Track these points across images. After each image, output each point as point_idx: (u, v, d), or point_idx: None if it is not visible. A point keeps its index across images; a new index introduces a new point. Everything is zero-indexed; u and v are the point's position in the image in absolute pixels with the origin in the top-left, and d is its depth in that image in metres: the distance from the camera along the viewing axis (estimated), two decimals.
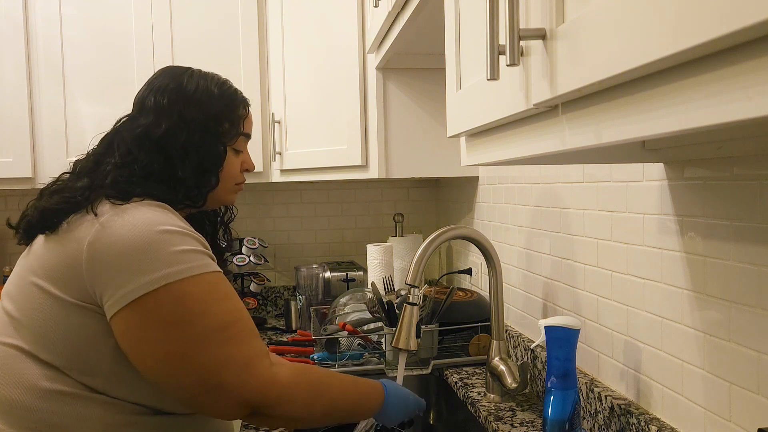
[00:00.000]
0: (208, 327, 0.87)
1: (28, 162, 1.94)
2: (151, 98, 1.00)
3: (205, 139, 0.99)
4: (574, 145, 0.54)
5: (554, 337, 1.03)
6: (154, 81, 1.03)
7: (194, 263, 0.87)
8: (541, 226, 1.38)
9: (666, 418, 0.95)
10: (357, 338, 1.61)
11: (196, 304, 0.86)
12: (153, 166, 0.96)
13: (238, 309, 0.91)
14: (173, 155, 0.97)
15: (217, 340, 0.87)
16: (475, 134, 0.83)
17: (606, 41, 0.44)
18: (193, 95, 1.00)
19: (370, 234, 2.47)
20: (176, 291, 0.85)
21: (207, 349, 0.86)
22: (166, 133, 0.97)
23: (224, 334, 0.88)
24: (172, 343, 0.85)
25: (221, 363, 0.87)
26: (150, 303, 0.84)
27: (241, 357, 0.88)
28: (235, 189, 1.11)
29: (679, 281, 0.91)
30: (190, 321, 0.86)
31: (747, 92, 0.33)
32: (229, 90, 1.06)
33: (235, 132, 1.05)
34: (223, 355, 0.87)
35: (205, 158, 1.00)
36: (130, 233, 0.85)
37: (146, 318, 0.84)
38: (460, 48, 0.85)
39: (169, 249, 0.85)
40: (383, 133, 1.79)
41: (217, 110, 1.02)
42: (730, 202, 0.81)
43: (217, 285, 0.90)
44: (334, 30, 1.86)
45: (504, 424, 1.22)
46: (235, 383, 0.87)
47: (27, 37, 1.95)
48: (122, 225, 0.86)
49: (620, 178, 1.06)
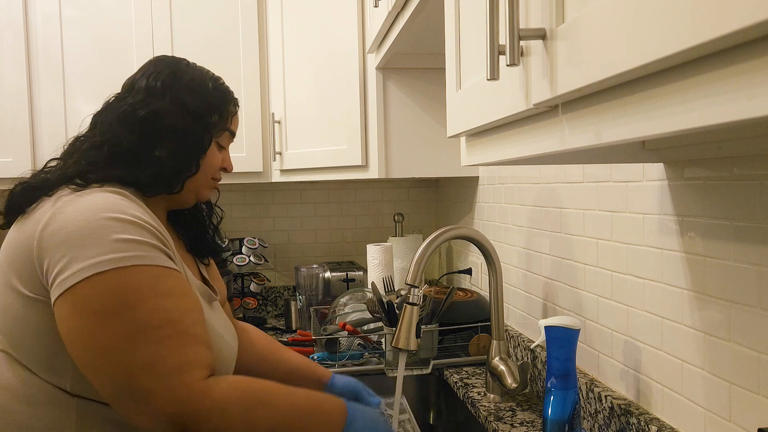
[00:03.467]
0: (139, 322, 0.80)
1: (28, 162, 1.94)
2: (143, 81, 0.99)
3: (194, 126, 0.98)
4: (574, 145, 0.54)
5: (554, 337, 1.03)
6: (148, 67, 1.02)
7: (136, 253, 0.82)
8: (541, 226, 1.38)
9: (666, 418, 0.96)
10: (357, 338, 1.61)
11: (131, 295, 0.80)
12: (123, 143, 0.93)
13: (180, 309, 0.85)
14: (154, 135, 0.95)
15: (146, 339, 0.80)
16: (475, 134, 0.83)
17: (606, 41, 0.44)
18: (189, 83, 1.00)
19: (370, 234, 2.47)
20: (111, 280, 0.80)
21: (134, 347, 0.79)
22: (153, 113, 0.95)
23: (157, 333, 0.81)
24: (98, 336, 0.79)
25: (147, 364, 0.80)
26: (84, 291, 0.79)
27: (172, 361, 0.81)
28: (211, 184, 1.07)
29: (679, 281, 0.91)
30: (120, 313, 0.80)
31: (747, 92, 0.33)
32: (222, 86, 1.07)
33: (222, 126, 1.05)
34: (152, 355, 0.80)
35: (189, 143, 0.98)
36: (76, 219, 0.82)
37: (78, 307, 0.80)
38: (460, 48, 0.85)
39: (111, 236, 0.81)
40: (383, 133, 1.79)
41: (210, 101, 1.02)
42: (730, 202, 0.81)
43: (160, 279, 0.83)
44: (334, 30, 1.86)
45: (504, 424, 1.22)
46: (160, 390, 0.80)
47: (27, 37, 1.95)
48: (72, 211, 0.83)
49: (620, 178, 1.06)
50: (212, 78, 1.06)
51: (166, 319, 0.82)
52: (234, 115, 1.08)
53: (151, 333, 0.81)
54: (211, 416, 0.81)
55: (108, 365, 0.80)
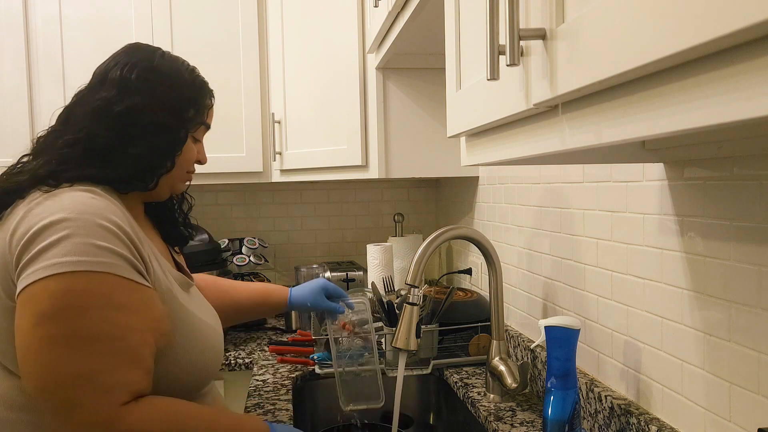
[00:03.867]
0: (79, 331, 0.78)
1: None
2: (117, 71, 0.94)
3: (171, 122, 0.95)
4: (574, 145, 0.54)
5: (554, 337, 1.03)
6: (120, 55, 0.97)
7: (101, 259, 0.79)
8: (541, 226, 1.38)
9: (666, 418, 0.96)
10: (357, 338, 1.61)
11: (78, 301, 0.78)
12: (97, 142, 0.90)
13: (128, 327, 0.81)
14: (129, 132, 0.92)
15: (82, 349, 0.78)
16: (475, 134, 0.83)
17: (606, 41, 0.44)
18: (167, 76, 0.96)
19: (370, 234, 2.47)
20: (62, 282, 0.77)
21: (69, 355, 0.77)
22: (129, 108, 0.91)
23: (94, 346, 0.78)
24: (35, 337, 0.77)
25: (79, 376, 0.77)
26: (34, 290, 0.77)
27: (101, 379, 0.78)
28: (186, 177, 1.05)
29: (679, 281, 0.91)
30: (61, 317, 0.77)
31: (747, 92, 0.33)
32: (198, 78, 1.03)
33: (199, 120, 1.01)
34: (83, 368, 0.77)
35: (165, 140, 0.95)
36: (38, 220, 0.80)
37: (26, 305, 0.78)
38: (460, 48, 0.85)
39: (84, 240, 0.79)
40: (383, 133, 1.79)
41: (187, 95, 0.98)
42: (730, 202, 0.81)
43: (115, 291, 0.80)
44: (334, 30, 1.86)
45: (504, 424, 1.22)
46: (86, 405, 0.78)
47: (27, 37, 1.95)
48: (39, 212, 0.81)
49: (620, 178, 1.06)
50: (188, 69, 1.02)
51: (109, 334, 0.79)
52: (210, 108, 1.05)
53: (92, 345, 0.78)
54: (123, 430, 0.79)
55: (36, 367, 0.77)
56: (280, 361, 1.64)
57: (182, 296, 0.96)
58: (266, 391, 1.47)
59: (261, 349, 1.85)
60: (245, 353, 1.82)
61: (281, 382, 1.53)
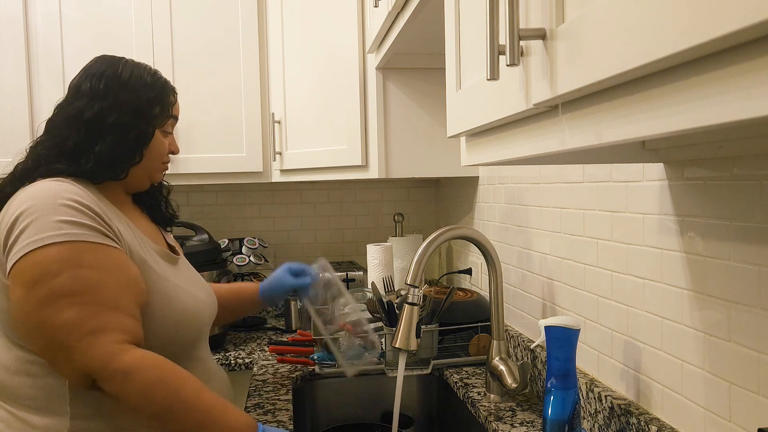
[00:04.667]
0: (58, 288, 0.90)
1: None
2: (87, 83, 1.08)
3: (135, 120, 1.07)
4: (574, 145, 0.54)
5: (554, 337, 1.03)
6: (90, 68, 1.12)
7: (66, 231, 0.92)
8: (541, 226, 1.38)
9: (666, 418, 0.96)
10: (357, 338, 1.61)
11: (53, 266, 0.90)
12: (68, 143, 1.04)
13: (99, 281, 0.92)
14: (97, 132, 1.04)
15: (64, 303, 0.90)
16: (475, 134, 0.83)
17: (606, 41, 0.44)
18: (128, 81, 1.09)
19: (370, 234, 2.47)
20: (39, 254, 0.91)
21: (54, 311, 0.89)
22: (97, 113, 1.05)
23: (74, 299, 0.90)
24: (26, 303, 0.91)
25: (66, 325, 0.89)
26: (18, 267, 0.91)
27: (88, 324, 0.90)
28: (161, 168, 1.17)
29: (679, 281, 0.91)
30: (42, 282, 0.90)
31: (747, 92, 0.33)
32: (159, 79, 1.14)
33: (165, 115, 1.13)
34: (69, 318, 0.89)
35: (131, 136, 1.07)
36: (21, 205, 0.94)
37: (15, 279, 0.92)
38: (460, 48, 0.85)
39: (50, 218, 0.92)
40: (383, 133, 1.79)
41: (149, 95, 1.10)
42: (730, 202, 0.81)
43: (83, 254, 0.93)
44: (334, 30, 1.86)
45: (504, 424, 1.22)
46: (79, 347, 0.89)
47: (27, 36, 1.95)
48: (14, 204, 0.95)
49: (620, 178, 1.06)
50: (150, 72, 1.14)
51: (85, 287, 0.91)
52: (174, 104, 1.17)
53: (68, 299, 0.90)
54: (114, 378, 0.89)
55: (34, 328, 0.91)
56: (280, 361, 1.64)
57: (160, 266, 1.07)
58: (266, 391, 1.47)
59: (261, 349, 1.85)
60: (245, 353, 1.82)
61: (281, 382, 1.53)
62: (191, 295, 1.11)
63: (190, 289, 1.12)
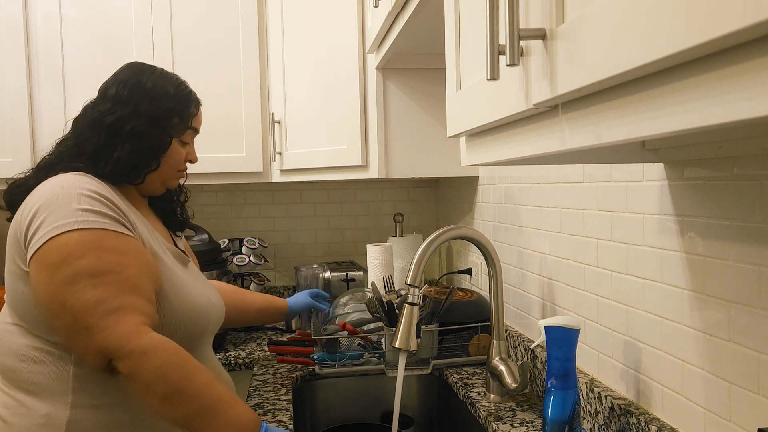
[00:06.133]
0: (81, 270, 0.94)
1: (28, 162, 1.93)
2: (113, 89, 1.13)
3: (152, 129, 1.11)
4: (574, 145, 0.54)
5: (554, 337, 1.03)
6: (119, 74, 1.16)
7: (87, 218, 0.97)
8: (541, 226, 1.38)
9: (666, 418, 0.96)
10: (357, 338, 1.61)
11: (76, 249, 0.95)
12: (89, 145, 1.08)
13: (120, 263, 0.96)
14: (116, 138, 1.09)
15: (87, 284, 0.93)
16: (475, 134, 0.83)
17: (606, 41, 0.44)
18: (150, 91, 1.13)
19: (370, 234, 2.47)
20: (63, 239, 0.95)
21: (77, 290, 0.93)
22: (117, 119, 1.09)
23: (96, 279, 0.94)
24: (50, 284, 0.94)
25: (89, 305, 0.92)
26: (42, 251, 0.95)
27: (110, 304, 0.93)
28: (177, 175, 1.21)
29: (679, 281, 0.91)
30: (66, 264, 0.94)
31: (747, 92, 0.33)
32: (184, 90, 1.18)
33: (183, 126, 1.17)
34: (92, 297, 0.93)
35: (147, 145, 1.11)
36: (43, 195, 0.99)
37: (39, 263, 0.95)
38: (460, 48, 0.85)
39: (70, 206, 0.97)
40: (383, 133, 1.79)
41: (168, 106, 1.14)
42: (730, 202, 0.81)
43: (105, 239, 0.97)
44: (334, 30, 1.86)
45: (504, 424, 1.22)
46: (99, 326, 0.92)
47: (27, 37, 1.95)
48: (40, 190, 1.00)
49: (620, 178, 1.06)
50: (175, 83, 1.17)
51: (105, 269, 0.95)
52: (195, 115, 1.21)
53: (91, 279, 0.94)
54: (131, 356, 0.92)
55: (58, 307, 0.94)
56: (280, 361, 1.64)
57: (171, 261, 1.11)
58: (266, 391, 1.47)
59: (261, 349, 1.85)
60: (245, 353, 1.82)
61: (281, 382, 1.53)
62: (200, 293, 1.14)
63: (199, 288, 1.15)
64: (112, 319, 0.92)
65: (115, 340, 0.92)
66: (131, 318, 0.94)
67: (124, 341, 0.92)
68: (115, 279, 0.95)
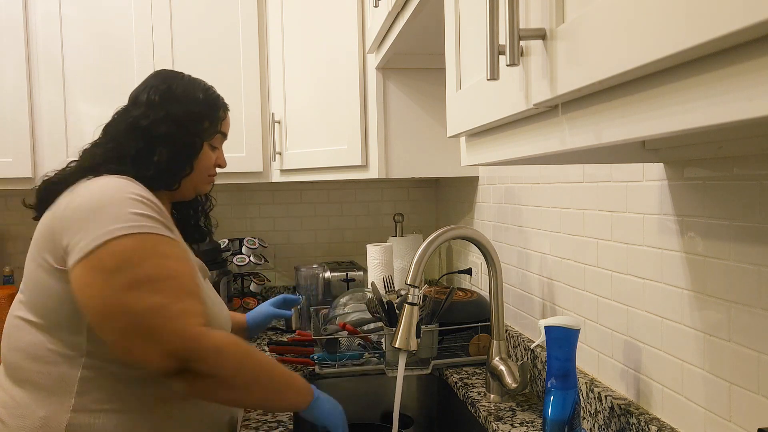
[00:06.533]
0: (141, 276, 0.95)
1: (28, 162, 1.94)
2: (144, 95, 1.15)
3: (184, 134, 1.14)
4: (574, 145, 0.54)
5: (554, 337, 1.03)
6: (149, 81, 1.19)
7: (141, 223, 0.97)
8: (541, 226, 1.38)
9: (666, 418, 0.96)
10: (357, 338, 1.61)
11: (134, 255, 0.96)
12: (130, 150, 1.09)
13: (177, 269, 0.99)
14: (152, 142, 1.11)
15: (148, 289, 0.95)
16: (475, 134, 0.83)
17: (606, 41, 0.44)
18: (180, 96, 1.16)
19: (370, 234, 2.47)
20: (119, 244, 0.95)
21: (139, 295, 0.94)
22: (151, 123, 1.11)
23: (156, 285, 0.95)
24: (106, 288, 0.94)
25: (152, 309, 0.94)
26: (98, 253, 0.94)
27: (173, 308, 0.95)
28: (208, 180, 1.23)
29: (679, 281, 0.91)
30: (125, 268, 0.94)
31: (747, 92, 0.33)
32: (212, 95, 1.21)
33: (213, 130, 1.20)
34: (155, 302, 0.94)
35: (181, 149, 1.14)
36: (92, 196, 0.98)
37: (92, 266, 0.94)
38: (460, 48, 0.85)
39: (123, 210, 0.97)
40: (383, 133, 1.79)
41: (198, 110, 1.17)
42: (730, 202, 0.81)
43: (158, 245, 0.99)
44: (334, 30, 1.86)
45: (504, 424, 1.22)
46: (166, 330, 0.93)
47: (27, 37, 1.95)
48: (86, 190, 1.00)
49: (620, 178, 1.06)
50: (203, 89, 1.20)
51: (163, 275, 0.97)
52: (224, 120, 1.23)
53: (152, 285, 0.95)
54: (208, 355, 0.95)
55: (116, 311, 0.94)
56: (280, 360, 1.64)
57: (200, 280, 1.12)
58: None
59: (261, 349, 1.85)
60: None
61: None
62: (219, 307, 1.17)
63: (217, 301, 1.18)
64: (177, 323, 0.94)
65: (188, 342, 0.94)
66: (194, 320, 0.96)
67: (196, 343, 0.94)
68: (173, 284, 0.97)
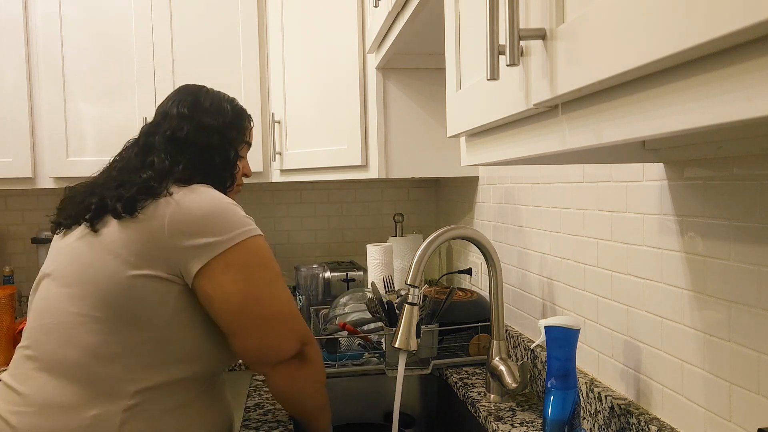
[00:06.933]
0: (275, 271, 1.10)
1: (28, 162, 1.94)
2: (174, 109, 1.19)
3: (221, 143, 1.19)
4: (574, 145, 0.54)
5: (554, 337, 1.03)
6: (174, 96, 1.22)
7: (254, 227, 1.09)
8: (541, 226, 1.38)
9: (666, 418, 0.96)
10: (357, 338, 1.61)
11: (265, 253, 1.09)
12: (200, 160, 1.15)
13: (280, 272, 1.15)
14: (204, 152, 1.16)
15: (281, 281, 1.11)
16: (475, 134, 0.83)
17: (606, 41, 0.44)
18: (209, 108, 1.20)
19: (370, 234, 2.47)
20: (251, 244, 1.06)
21: (279, 287, 1.10)
22: (188, 134, 1.16)
23: (281, 278, 1.12)
24: (252, 281, 1.05)
25: (291, 299, 1.11)
26: (233, 253, 1.04)
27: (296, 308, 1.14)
28: (237, 189, 1.28)
29: (679, 281, 0.91)
30: (264, 265, 1.08)
31: (747, 92, 0.33)
32: (237, 106, 1.26)
33: (241, 139, 1.25)
34: (288, 293, 1.12)
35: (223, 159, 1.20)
36: (206, 204, 1.05)
37: (230, 264, 1.04)
38: (460, 48, 0.85)
39: (239, 214, 1.07)
40: (383, 133, 1.79)
41: (228, 120, 1.21)
42: (730, 202, 0.81)
43: (267, 246, 1.12)
44: (334, 30, 1.86)
45: (504, 424, 1.22)
46: (298, 315, 1.11)
47: (27, 37, 1.95)
48: (195, 200, 1.05)
49: (620, 178, 1.06)
50: (228, 100, 1.25)
51: (281, 275, 1.12)
52: (250, 129, 1.29)
53: (281, 279, 1.11)
54: (314, 343, 1.14)
55: (264, 302, 1.07)
56: None
57: None
58: (266, 391, 1.46)
59: None
60: None
61: None
62: None
63: None
64: (302, 320, 1.12)
65: (306, 328, 1.12)
66: None
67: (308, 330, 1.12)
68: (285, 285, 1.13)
